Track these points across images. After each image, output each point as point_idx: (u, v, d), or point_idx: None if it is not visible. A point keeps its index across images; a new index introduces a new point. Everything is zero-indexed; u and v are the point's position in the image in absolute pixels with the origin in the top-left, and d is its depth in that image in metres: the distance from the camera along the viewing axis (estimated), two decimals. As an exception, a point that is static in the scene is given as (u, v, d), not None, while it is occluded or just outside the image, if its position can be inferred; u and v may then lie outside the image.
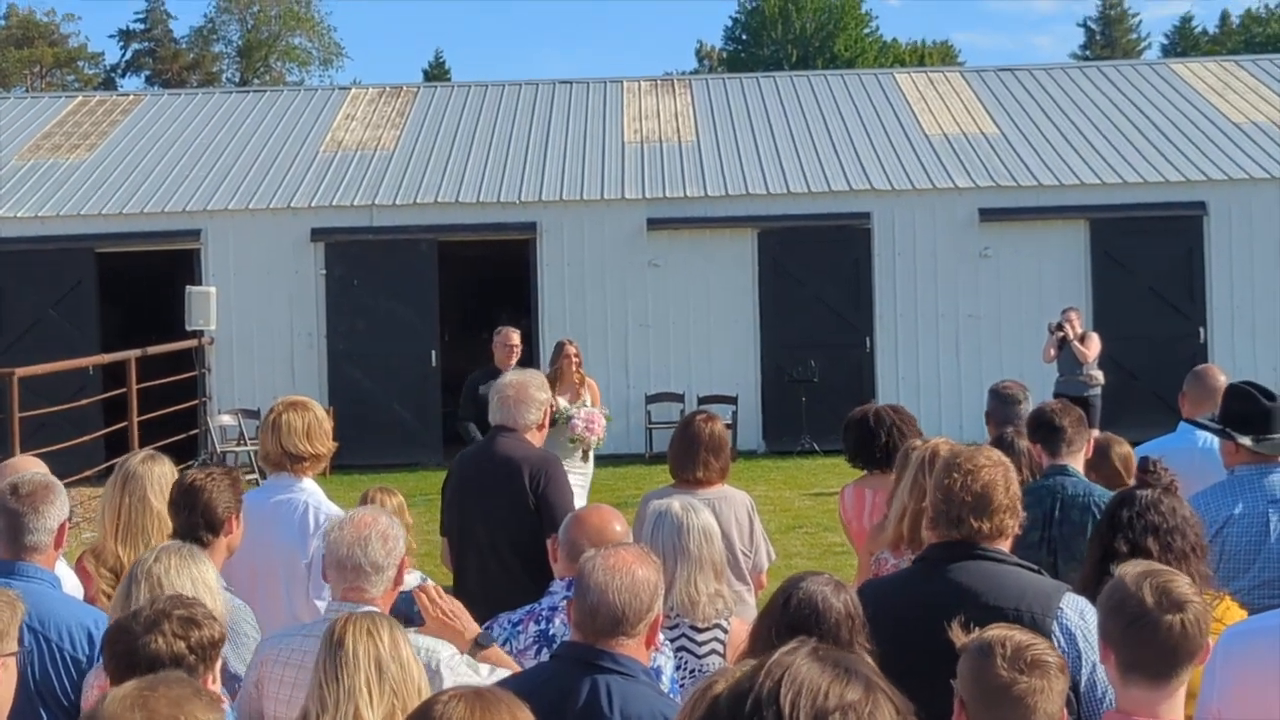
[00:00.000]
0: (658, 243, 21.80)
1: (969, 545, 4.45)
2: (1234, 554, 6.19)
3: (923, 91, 26.51)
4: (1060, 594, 4.36)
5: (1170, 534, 4.73)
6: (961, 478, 4.47)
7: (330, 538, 4.69)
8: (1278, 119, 24.24)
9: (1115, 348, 19.62)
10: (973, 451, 4.59)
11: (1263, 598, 5.74)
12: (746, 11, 71.02)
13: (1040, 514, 6.11)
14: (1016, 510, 4.53)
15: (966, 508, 4.43)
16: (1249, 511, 6.22)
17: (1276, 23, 71.76)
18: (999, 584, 4.35)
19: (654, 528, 5.28)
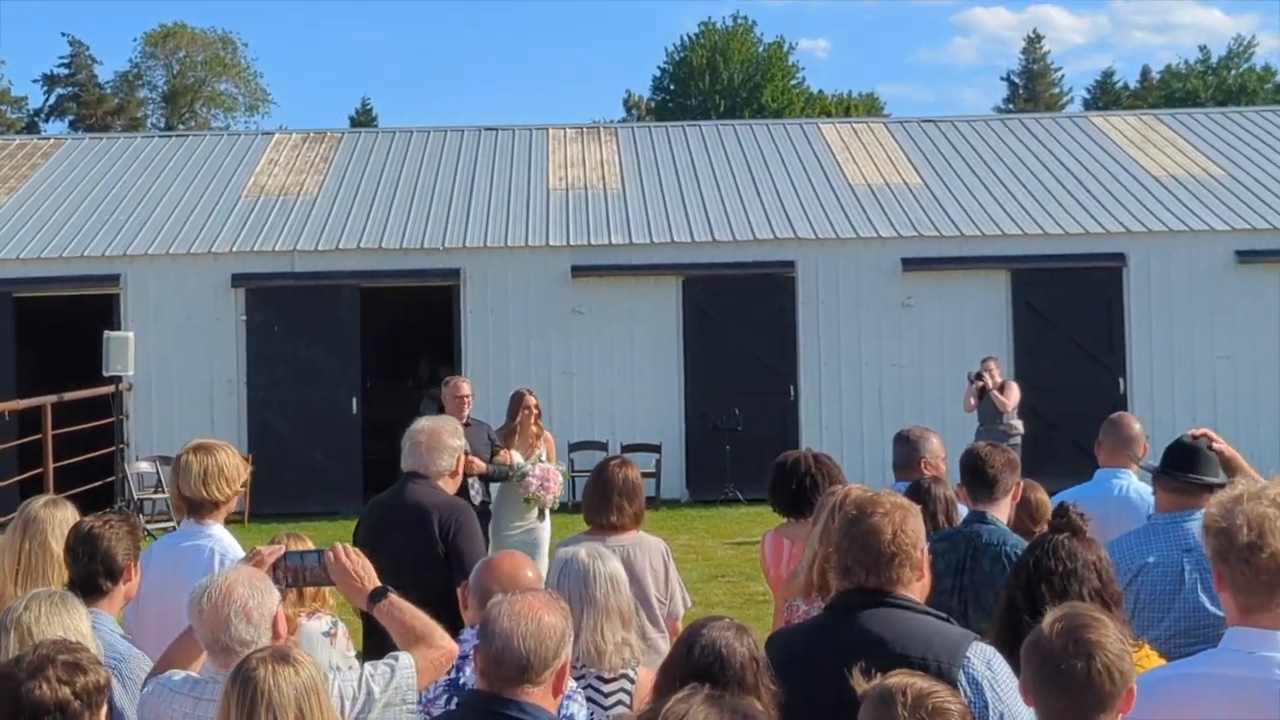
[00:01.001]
0: (582, 290, 21.76)
1: (878, 593, 4.40)
2: (1149, 602, 6.18)
3: (847, 142, 26.68)
4: (968, 643, 4.31)
5: (1066, 579, 4.68)
6: (852, 525, 4.43)
7: (192, 615, 4.56)
8: (1196, 172, 24.55)
9: (1035, 397, 19.75)
10: (878, 497, 4.53)
11: (1179, 646, 5.72)
12: (674, 62, 71.39)
13: (954, 561, 6.07)
14: (911, 557, 4.44)
15: (877, 557, 4.39)
16: (1162, 560, 6.21)
17: (1196, 78, 72.88)
18: (906, 632, 4.30)
19: (560, 575, 5.20)
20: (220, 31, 71.37)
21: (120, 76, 71.38)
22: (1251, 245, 21.98)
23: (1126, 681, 3.50)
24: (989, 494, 6.42)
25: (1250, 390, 21.65)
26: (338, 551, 5.03)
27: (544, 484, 11.82)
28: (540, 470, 11.88)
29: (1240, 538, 3.56)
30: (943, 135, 26.94)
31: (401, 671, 4.66)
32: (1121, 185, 24.02)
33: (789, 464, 7.29)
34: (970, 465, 6.51)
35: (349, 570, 4.99)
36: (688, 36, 71.99)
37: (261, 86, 73.21)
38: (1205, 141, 26.25)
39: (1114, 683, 3.48)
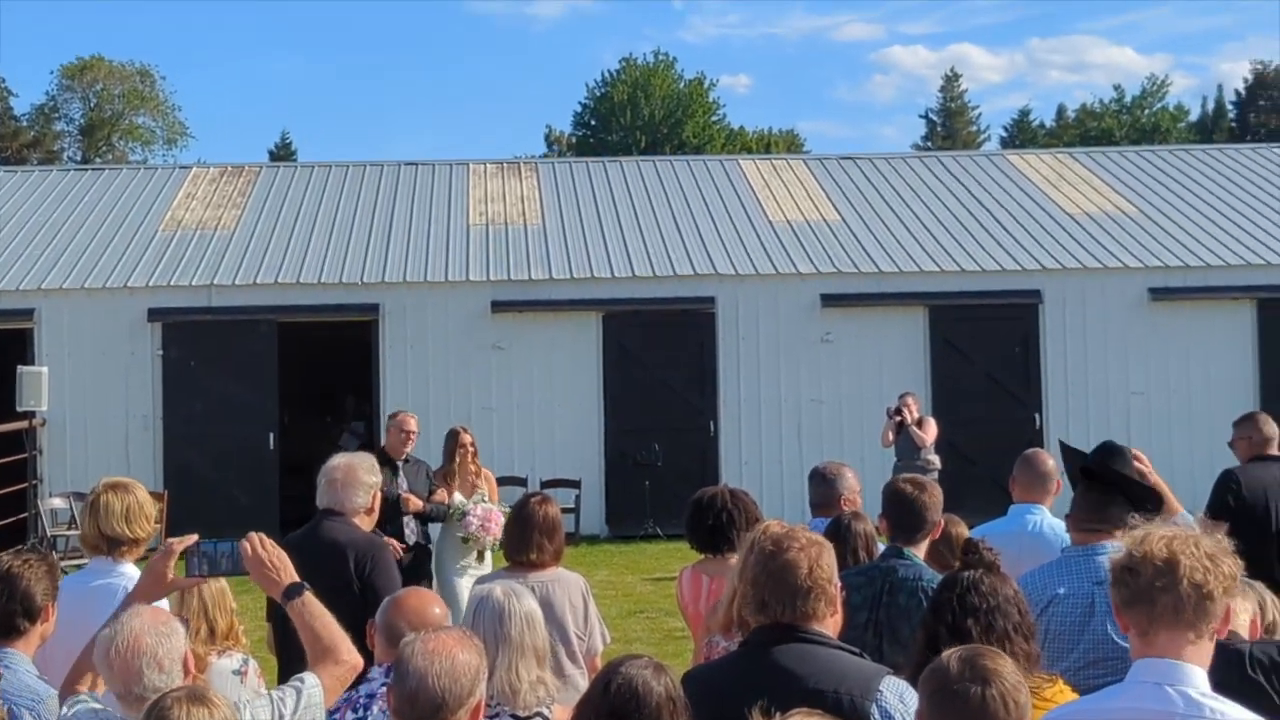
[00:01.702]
0: (502, 325, 21.74)
1: (792, 628, 4.42)
2: (1059, 634, 6.24)
3: (767, 178, 26.83)
4: (880, 677, 4.34)
5: (991, 614, 4.72)
6: (767, 561, 4.44)
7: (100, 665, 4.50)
8: (1110, 210, 24.87)
9: (953, 433, 19.90)
10: (794, 534, 4.55)
11: (1089, 678, 5.78)
12: (596, 97, 71.58)
13: (870, 596, 6.10)
14: (826, 593, 4.47)
15: (791, 593, 4.41)
16: (1074, 592, 6.27)
17: (1110, 117, 73.89)
18: (819, 667, 4.32)
19: (475, 613, 5.17)
20: (138, 64, 70.99)
21: (36, 109, 70.76)
22: (1165, 283, 22.28)
23: (1022, 714, 3.52)
24: (914, 534, 6.44)
25: (1163, 426, 21.89)
26: (253, 542, 4.98)
27: (484, 524, 11.57)
28: (482, 510, 11.66)
29: (1138, 568, 3.61)
30: (861, 172, 27.16)
31: (308, 692, 4.62)
32: (1037, 223, 24.29)
33: (705, 500, 7.30)
34: (899, 504, 6.50)
35: (264, 561, 4.95)
36: (609, 72, 72.31)
37: (180, 120, 72.77)
38: (1119, 180, 26.60)
39: (1008, 712, 3.49)
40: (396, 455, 11.98)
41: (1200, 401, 21.64)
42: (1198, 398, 21.76)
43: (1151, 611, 3.59)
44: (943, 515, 6.93)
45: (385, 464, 11.53)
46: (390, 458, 11.90)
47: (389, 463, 11.76)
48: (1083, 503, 6.55)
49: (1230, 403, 19.13)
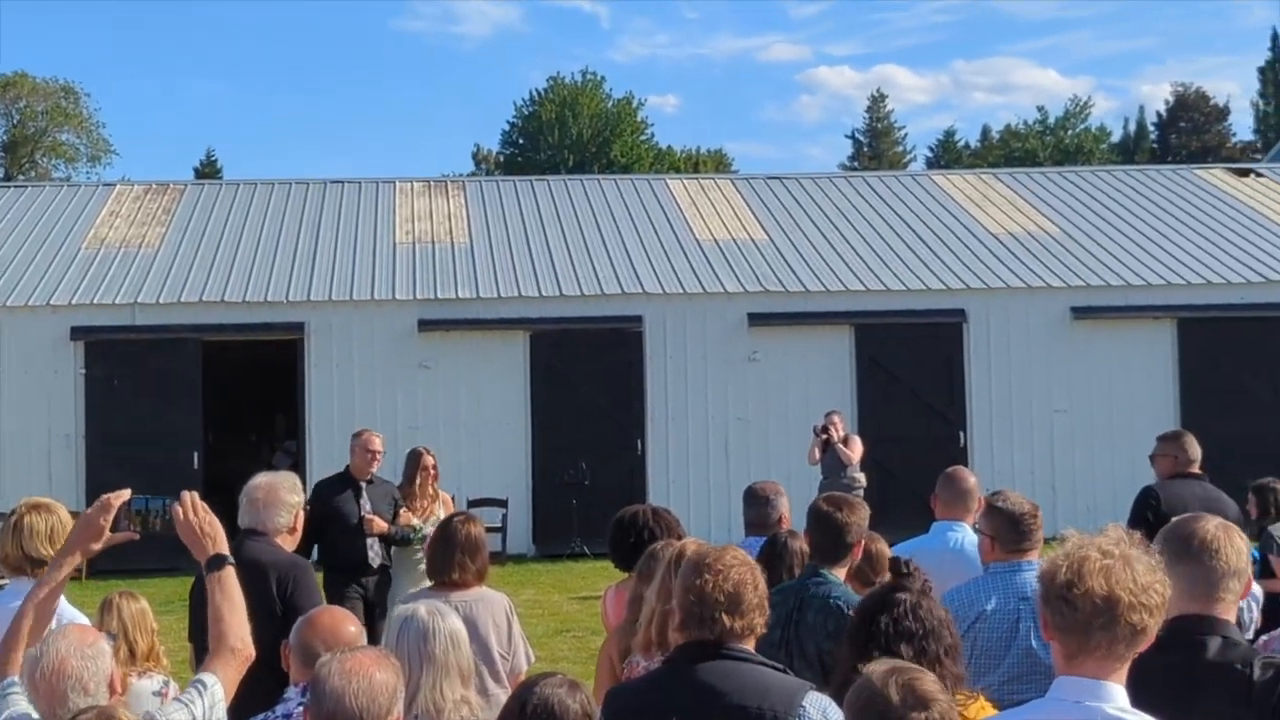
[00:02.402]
0: (429, 344, 21.67)
1: (716, 645, 4.43)
2: (985, 650, 6.30)
3: (694, 198, 26.90)
4: (803, 692, 4.37)
5: (925, 639, 4.77)
6: (713, 578, 4.45)
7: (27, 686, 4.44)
8: (1034, 230, 25.10)
9: (878, 450, 20.01)
10: (720, 552, 4.57)
11: (1012, 693, 5.83)
12: (524, 116, 71.56)
13: (783, 614, 6.12)
14: (765, 609, 4.53)
15: (720, 607, 4.42)
16: (1000, 608, 6.33)
17: (1034, 138, 74.61)
18: (743, 683, 4.34)
19: (400, 632, 5.15)
20: (62, 81, 70.20)
21: (-43, 127, 69.89)
22: (1086, 302, 22.50)
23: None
24: (834, 555, 6.42)
25: (1086, 443, 22.12)
26: (185, 505, 4.97)
27: None
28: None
29: (1059, 577, 3.63)
30: (788, 192, 27.28)
31: (211, 692, 4.59)
32: (961, 243, 24.48)
33: (627, 519, 7.32)
34: (820, 524, 6.46)
35: (193, 526, 4.93)
36: (537, 91, 72.32)
37: (104, 137, 72.06)
38: (1042, 200, 26.86)
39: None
40: (361, 475, 11.64)
41: (1121, 419, 21.85)
42: (1119, 415, 21.98)
43: (1086, 644, 3.61)
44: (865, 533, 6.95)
45: (349, 485, 11.52)
46: (354, 478, 11.64)
47: (352, 484, 11.57)
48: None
49: (1151, 420, 19.36)
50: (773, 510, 8.17)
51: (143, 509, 5.02)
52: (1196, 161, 54.01)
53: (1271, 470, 14.66)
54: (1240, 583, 4.26)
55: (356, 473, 11.67)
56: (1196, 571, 4.24)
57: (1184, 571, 4.25)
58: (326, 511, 11.20)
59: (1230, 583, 4.23)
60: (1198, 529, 4.31)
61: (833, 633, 5.99)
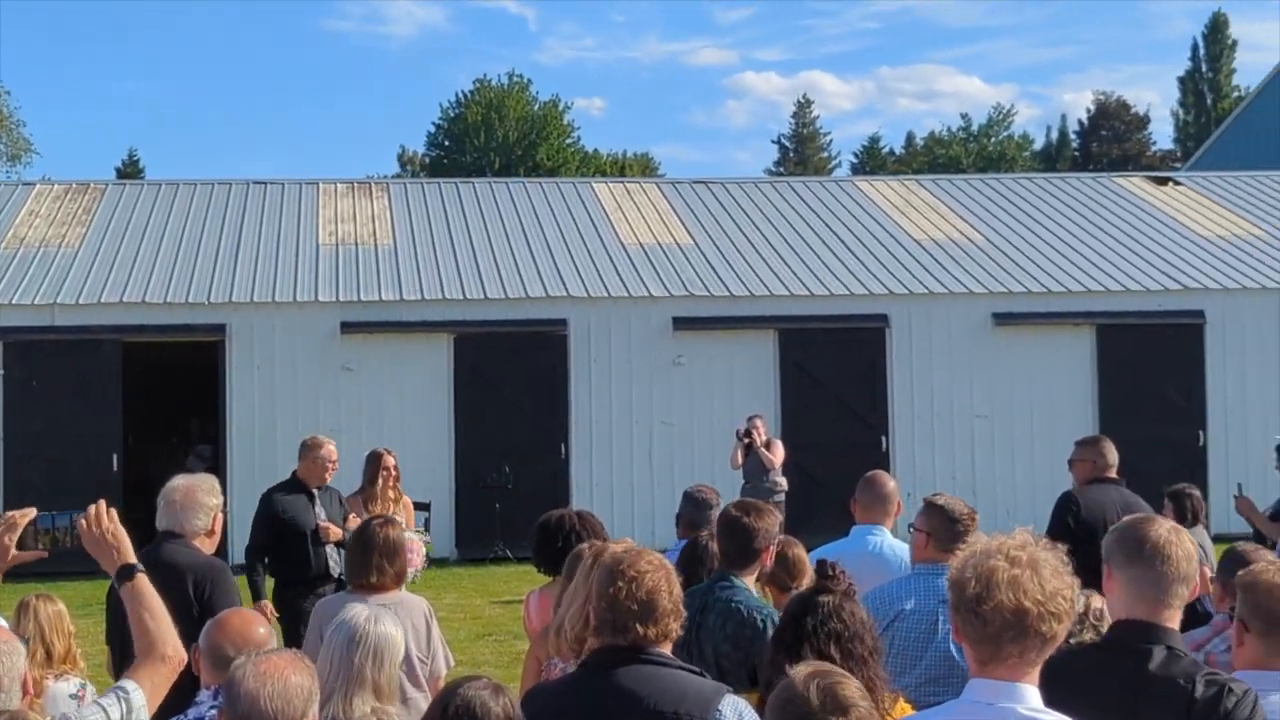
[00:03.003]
0: (351, 346, 21.56)
1: (634, 649, 4.44)
2: (903, 649, 6.35)
3: (620, 201, 26.91)
4: (720, 696, 4.38)
5: (851, 640, 4.83)
6: (626, 585, 4.45)
7: None
8: (956, 237, 25.28)
9: (801, 454, 20.10)
10: (635, 557, 4.57)
11: (929, 694, 5.88)
12: (449, 118, 71.33)
13: (688, 617, 6.14)
14: (680, 613, 4.54)
15: (632, 615, 4.43)
16: (919, 608, 6.39)
17: (958, 145, 75.19)
18: (660, 687, 4.35)
19: (333, 633, 5.17)
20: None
21: (-127, 123, 68.85)
22: (1008, 308, 22.69)
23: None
24: (743, 560, 6.41)
25: (1006, 449, 22.31)
26: (90, 518, 4.93)
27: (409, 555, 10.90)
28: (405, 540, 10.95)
29: (968, 590, 3.65)
30: (714, 196, 27.33)
31: (130, 697, 4.55)
32: (885, 248, 24.62)
33: (553, 523, 7.33)
34: (730, 530, 6.44)
35: (100, 538, 4.89)
36: (463, 93, 72.10)
37: (24, 136, 71.15)
38: (965, 207, 27.06)
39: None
40: (315, 483, 11.16)
41: (1041, 424, 22.06)
42: (1039, 421, 22.18)
43: (998, 653, 3.64)
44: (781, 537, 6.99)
45: (300, 492, 11.11)
46: (305, 486, 11.19)
47: (305, 491, 11.16)
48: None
49: (1070, 426, 19.53)
50: (707, 516, 8.25)
51: (50, 526, 4.94)
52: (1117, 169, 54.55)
53: (1187, 476, 14.88)
54: (1188, 588, 4.31)
55: (309, 480, 11.20)
56: (1147, 575, 4.27)
57: (1134, 574, 4.30)
58: (280, 522, 10.85)
59: (1179, 588, 4.28)
60: (1150, 533, 4.33)
61: (731, 636, 6.02)
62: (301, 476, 11.21)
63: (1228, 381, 22.76)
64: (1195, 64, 69.59)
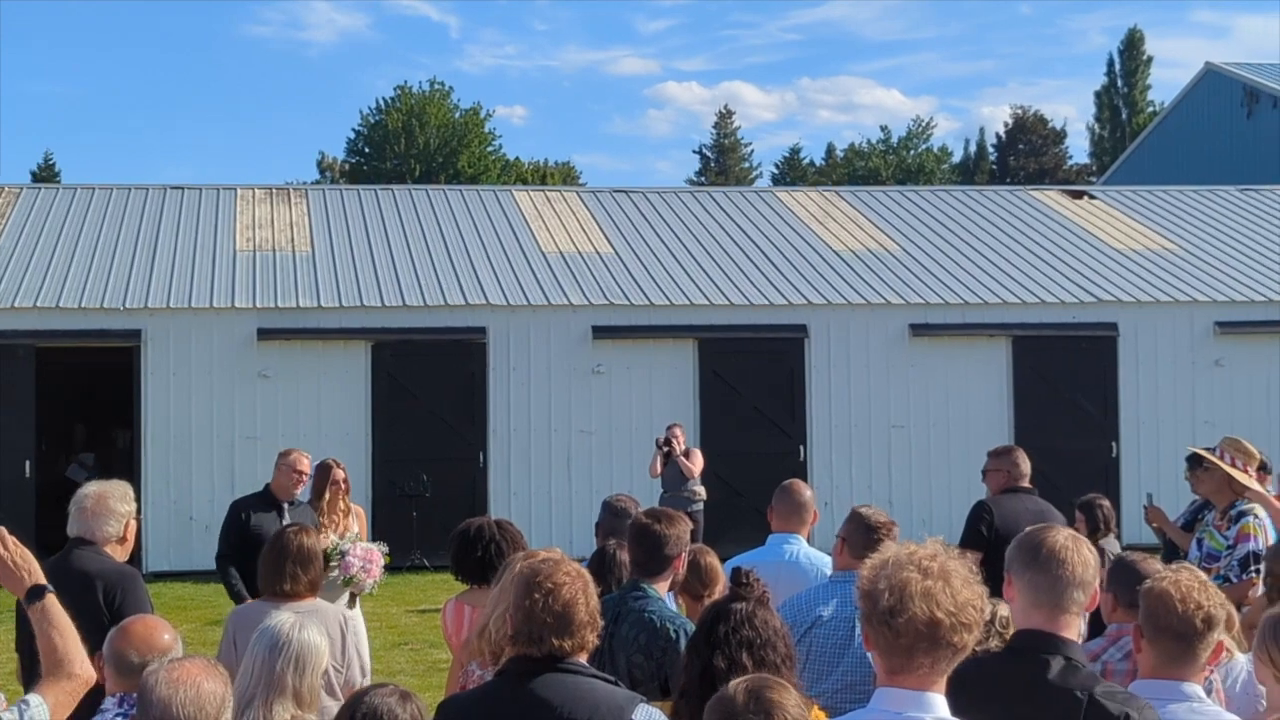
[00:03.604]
0: (268, 353, 21.40)
1: (549, 659, 4.44)
2: (820, 655, 6.39)
3: (540, 209, 26.88)
4: (633, 705, 4.39)
5: (764, 648, 4.84)
6: (543, 597, 4.44)
7: None
8: (874, 248, 25.44)
9: (720, 464, 20.18)
10: (552, 568, 4.56)
11: (845, 701, 5.92)
12: (370, 125, 71.02)
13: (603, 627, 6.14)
14: (596, 624, 4.54)
15: (547, 627, 4.42)
16: (836, 615, 6.43)
17: (877, 157, 75.68)
18: (574, 696, 4.35)
19: (256, 639, 5.14)
20: (-108, 79, 68.44)
21: None
22: (925, 319, 22.86)
23: None
24: (654, 568, 6.42)
25: (923, 459, 22.46)
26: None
27: (366, 565, 10.39)
28: (362, 550, 10.43)
29: (882, 602, 3.67)
30: (635, 206, 27.37)
31: (32, 711, 4.50)
32: (804, 259, 24.73)
33: (473, 532, 7.29)
34: (640, 537, 6.44)
35: (4, 562, 4.82)
36: (384, 100, 71.79)
37: (-64, 138, 70.34)
38: (884, 218, 27.24)
39: None
40: (285, 496, 10.87)
41: (958, 435, 22.23)
42: (955, 431, 22.36)
43: (909, 664, 3.67)
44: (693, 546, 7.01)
45: (271, 506, 10.85)
46: (277, 499, 10.89)
47: (275, 505, 10.87)
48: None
49: (985, 436, 19.72)
50: (624, 525, 8.22)
51: None
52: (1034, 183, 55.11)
53: (1100, 486, 15.07)
54: (1086, 595, 4.35)
55: (281, 494, 10.89)
56: (1043, 580, 4.31)
57: (1031, 580, 4.34)
58: (251, 535, 10.40)
59: (1075, 593, 4.31)
60: (1047, 539, 4.38)
61: (644, 646, 6.02)
62: (274, 489, 10.94)
63: (1140, 393, 23.03)
64: (1111, 79, 70.44)
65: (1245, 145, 38.88)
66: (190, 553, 20.56)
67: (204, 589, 18.60)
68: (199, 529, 20.70)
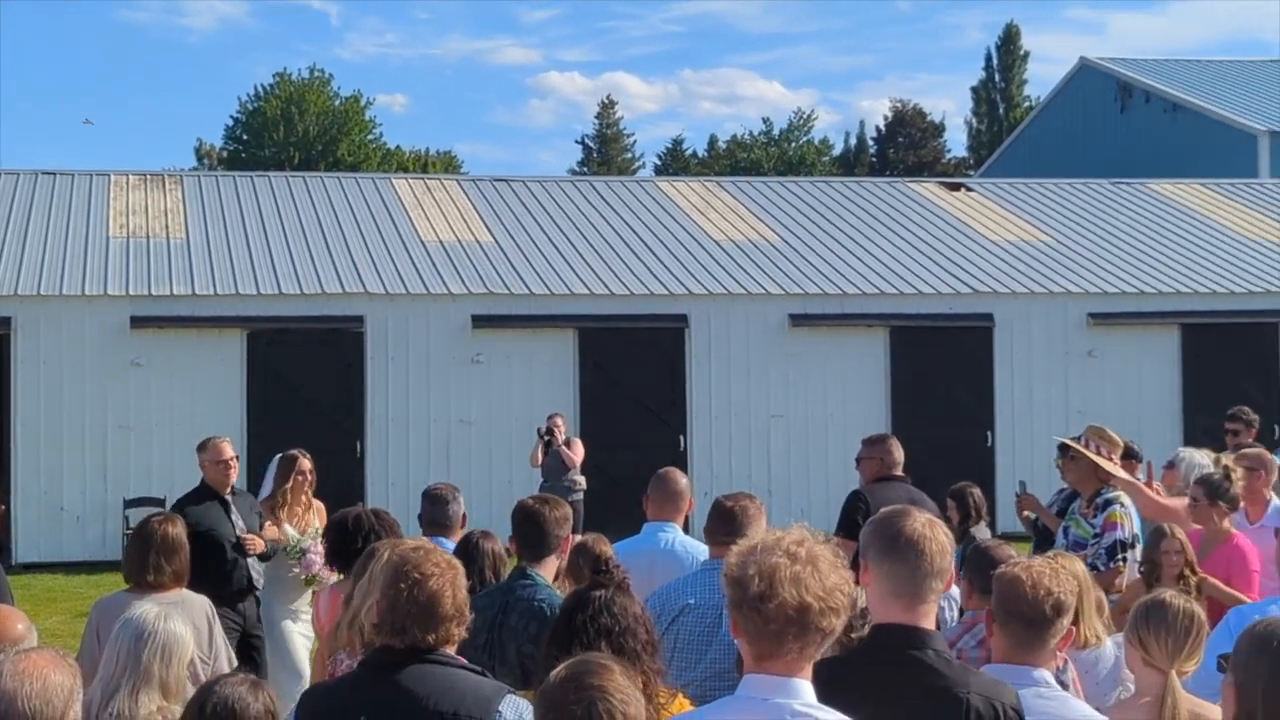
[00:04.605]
0: (142, 341, 21.05)
1: (416, 649, 4.39)
2: (688, 643, 6.39)
3: (420, 198, 26.69)
4: (500, 696, 4.36)
5: (622, 635, 4.82)
6: (409, 587, 4.39)
7: None
8: (755, 238, 25.53)
9: (600, 454, 20.14)
10: (422, 558, 4.51)
11: (713, 689, 5.91)
12: (249, 112, 70.20)
13: (489, 618, 6.11)
14: (463, 618, 4.49)
15: (411, 618, 4.37)
16: (703, 603, 6.43)
17: (759, 149, 76.04)
18: (440, 687, 4.32)
19: (120, 629, 5.05)
20: None
21: None
22: (804, 309, 22.97)
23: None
24: (539, 553, 6.43)
25: (801, 449, 22.57)
26: None
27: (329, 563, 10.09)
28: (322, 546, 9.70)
29: (751, 588, 3.66)
30: (515, 195, 27.26)
31: None
32: (685, 249, 24.76)
33: (351, 521, 7.28)
34: (525, 522, 6.47)
35: None
36: (262, 86, 70.99)
37: None
38: (764, 209, 27.34)
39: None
40: (221, 488, 10.47)
41: (836, 424, 22.36)
42: (834, 420, 22.49)
43: (778, 650, 3.66)
44: (590, 534, 7.00)
45: (213, 500, 10.42)
46: (216, 493, 10.47)
47: (215, 499, 10.43)
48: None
49: (863, 426, 19.78)
50: (455, 510, 8.29)
51: None
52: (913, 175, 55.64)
53: (975, 475, 15.19)
54: (942, 582, 4.32)
55: (217, 487, 10.48)
56: (901, 570, 4.27)
57: (889, 569, 4.29)
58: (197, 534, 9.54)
59: (933, 583, 4.28)
60: (904, 526, 4.32)
61: (535, 636, 6.00)
62: (209, 483, 10.52)
63: (1015, 383, 23.32)
64: (989, 74, 71.28)
65: (1119, 139, 39.53)
66: (61, 544, 20.22)
67: (74, 580, 18.29)
68: (70, 520, 20.38)
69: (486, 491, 19.75)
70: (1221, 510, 8.93)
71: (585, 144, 79.02)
